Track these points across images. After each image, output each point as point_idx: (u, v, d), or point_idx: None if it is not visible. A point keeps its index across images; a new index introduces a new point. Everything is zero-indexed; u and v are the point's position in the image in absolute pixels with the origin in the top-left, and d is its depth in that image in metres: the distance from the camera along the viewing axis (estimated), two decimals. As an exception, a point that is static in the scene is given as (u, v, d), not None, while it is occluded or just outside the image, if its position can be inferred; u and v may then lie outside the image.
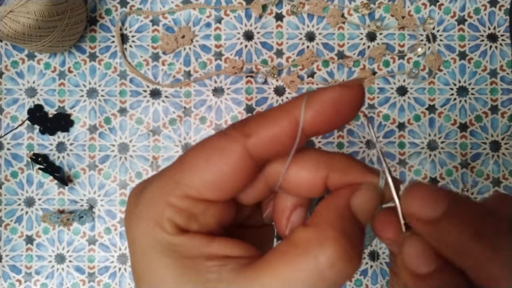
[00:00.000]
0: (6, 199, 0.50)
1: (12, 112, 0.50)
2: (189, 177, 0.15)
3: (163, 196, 0.15)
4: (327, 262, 0.13)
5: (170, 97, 0.50)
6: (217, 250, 0.15)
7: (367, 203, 0.15)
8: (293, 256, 0.14)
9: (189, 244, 0.15)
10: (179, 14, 0.50)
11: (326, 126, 0.15)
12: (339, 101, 0.14)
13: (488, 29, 0.50)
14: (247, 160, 0.15)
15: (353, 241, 0.14)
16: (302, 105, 0.14)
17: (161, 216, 0.15)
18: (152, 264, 0.15)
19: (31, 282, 0.49)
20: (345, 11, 0.51)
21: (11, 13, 0.40)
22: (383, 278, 0.50)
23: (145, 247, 0.15)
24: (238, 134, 0.15)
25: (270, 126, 0.15)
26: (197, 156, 0.15)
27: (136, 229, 0.15)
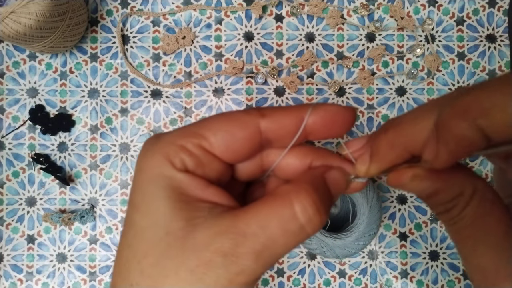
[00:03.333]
0: (7, 198, 0.50)
1: (14, 112, 0.50)
2: (209, 133, 0.18)
3: (182, 140, 0.17)
4: (300, 207, 0.16)
5: (171, 97, 0.51)
6: (210, 195, 0.17)
7: (338, 179, 0.19)
8: (273, 202, 0.17)
9: (190, 182, 0.17)
10: (179, 15, 0.51)
11: (321, 132, 0.18)
12: (337, 115, 0.18)
13: (487, 29, 0.51)
14: (257, 134, 0.18)
15: (322, 198, 0.17)
16: (309, 109, 0.18)
17: (174, 154, 0.17)
18: (152, 194, 0.17)
19: (32, 282, 0.50)
20: (344, 12, 0.51)
21: (13, 14, 0.41)
22: (382, 277, 0.50)
23: (151, 177, 0.17)
24: (257, 112, 0.18)
25: (282, 115, 0.18)
26: (218, 119, 0.18)
27: (147, 160, 0.18)
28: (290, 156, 0.19)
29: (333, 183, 0.18)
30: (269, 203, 0.17)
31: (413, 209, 0.50)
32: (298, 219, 0.16)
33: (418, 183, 0.18)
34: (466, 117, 0.14)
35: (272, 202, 0.17)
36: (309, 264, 0.50)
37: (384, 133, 0.18)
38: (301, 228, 0.16)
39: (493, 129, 0.14)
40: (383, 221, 0.50)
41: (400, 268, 0.50)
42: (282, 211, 0.16)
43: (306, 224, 0.16)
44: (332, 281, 0.50)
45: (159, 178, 0.17)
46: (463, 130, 0.14)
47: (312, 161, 0.19)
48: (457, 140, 0.15)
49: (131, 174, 0.50)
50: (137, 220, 0.17)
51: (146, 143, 0.18)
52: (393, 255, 0.50)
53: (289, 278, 0.50)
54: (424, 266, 0.50)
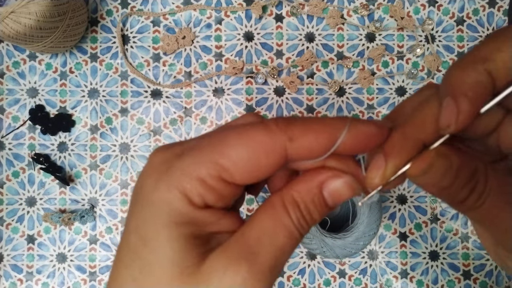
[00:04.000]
0: (7, 198, 0.50)
1: (14, 112, 0.50)
2: (227, 162, 0.16)
3: (199, 171, 0.16)
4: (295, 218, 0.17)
5: (171, 97, 0.51)
6: (225, 226, 0.17)
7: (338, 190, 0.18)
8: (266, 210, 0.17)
9: (207, 219, 0.16)
10: (179, 15, 0.51)
11: (354, 150, 0.17)
12: (372, 136, 0.17)
13: (487, 29, 0.51)
14: (284, 159, 0.16)
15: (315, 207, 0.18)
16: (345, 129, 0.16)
17: (192, 189, 0.16)
18: (165, 231, 0.16)
19: (32, 282, 0.50)
20: (344, 12, 0.51)
21: (13, 14, 0.41)
22: (382, 277, 0.50)
23: (165, 213, 0.16)
24: (283, 134, 0.16)
25: (313, 137, 0.16)
26: (239, 143, 0.16)
27: (160, 193, 0.16)
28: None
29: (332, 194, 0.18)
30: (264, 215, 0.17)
31: (413, 209, 0.50)
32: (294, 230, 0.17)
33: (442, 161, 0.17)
34: (476, 65, 0.16)
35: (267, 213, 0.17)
36: (309, 264, 0.50)
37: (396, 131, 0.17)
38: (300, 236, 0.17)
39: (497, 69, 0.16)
40: (383, 221, 0.50)
41: (400, 268, 0.50)
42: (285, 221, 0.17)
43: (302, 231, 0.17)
44: (332, 281, 0.50)
45: (174, 215, 0.16)
46: (477, 76, 0.16)
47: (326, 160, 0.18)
48: (474, 87, 0.16)
49: (131, 174, 0.50)
50: (144, 255, 0.16)
51: (156, 166, 0.17)
52: (393, 255, 0.50)
53: (289, 278, 0.50)
54: (424, 266, 0.50)
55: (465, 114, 0.16)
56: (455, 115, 0.16)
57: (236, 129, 0.17)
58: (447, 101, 0.16)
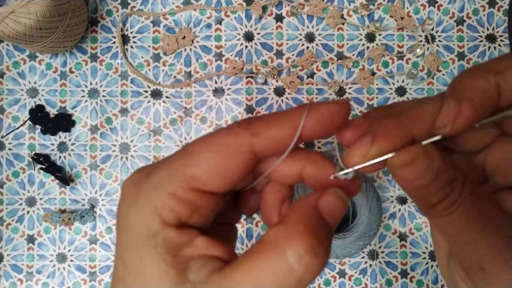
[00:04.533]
0: (7, 198, 0.50)
1: (14, 112, 0.50)
2: (196, 169, 0.16)
3: (168, 186, 0.16)
4: (294, 256, 0.14)
5: (171, 97, 0.51)
6: (200, 249, 0.16)
7: (333, 205, 0.17)
8: (263, 253, 0.15)
9: (179, 239, 0.15)
10: (179, 15, 0.51)
11: (319, 133, 0.17)
12: (334, 114, 0.17)
13: (487, 29, 0.51)
14: (251, 156, 0.16)
15: (320, 237, 0.15)
16: (304, 114, 0.16)
17: (163, 206, 0.15)
18: (142, 255, 0.15)
19: (32, 282, 0.50)
20: (344, 12, 0.51)
21: (13, 14, 0.41)
22: (382, 277, 0.50)
23: (139, 236, 0.15)
24: (246, 132, 0.16)
25: (276, 128, 0.16)
26: (205, 150, 0.16)
27: (132, 216, 0.16)
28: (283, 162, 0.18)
29: (330, 211, 0.16)
30: (261, 256, 0.15)
31: (413, 209, 0.50)
32: (295, 271, 0.14)
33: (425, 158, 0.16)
34: (488, 75, 0.16)
35: (264, 254, 0.15)
36: (309, 264, 0.50)
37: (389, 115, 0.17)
38: (300, 279, 0.14)
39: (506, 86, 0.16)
40: (383, 221, 0.50)
41: (400, 268, 0.50)
42: (276, 265, 0.14)
43: (305, 274, 0.14)
44: (332, 281, 0.50)
45: (148, 237, 0.15)
46: (486, 85, 0.16)
47: (304, 166, 0.18)
48: (480, 95, 0.16)
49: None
50: (128, 280, 0.16)
51: (126, 191, 0.17)
52: (393, 255, 0.50)
53: None
54: (424, 266, 0.50)
55: (464, 118, 0.16)
56: (454, 116, 0.16)
57: (201, 138, 0.17)
58: (450, 102, 0.16)
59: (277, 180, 0.19)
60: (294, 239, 0.14)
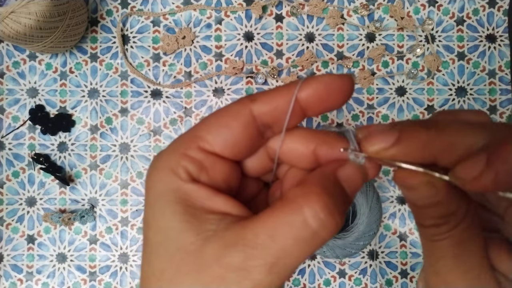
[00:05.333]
0: (7, 198, 0.50)
1: (14, 112, 0.50)
2: (205, 132, 0.17)
3: (181, 148, 0.17)
4: (310, 212, 0.15)
5: (171, 97, 0.51)
6: (218, 205, 0.17)
7: (352, 175, 0.17)
8: (281, 208, 0.16)
9: (197, 193, 0.17)
10: (179, 15, 0.51)
11: (318, 106, 0.17)
12: (330, 86, 0.17)
13: (487, 29, 0.51)
14: (251, 121, 0.17)
15: (335, 200, 0.16)
16: (299, 83, 0.17)
17: (177, 164, 0.17)
18: (161, 210, 0.17)
19: (32, 281, 0.50)
20: (344, 12, 0.51)
21: (13, 14, 0.41)
22: (382, 277, 0.50)
23: (158, 193, 0.17)
24: (246, 99, 0.18)
25: (273, 96, 0.17)
26: (214, 116, 0.18)
27: (153, 176, 0.17)
28: (292, 141, 0.18)
29: (348, 181, 0.17)
30: (278, 210, 0.16)
31: (413, 209, 0.50)
32: (309, 226, 0.15)
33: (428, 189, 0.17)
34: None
35: (281, 209, 0.16)
36: (309, 264, 0.50)
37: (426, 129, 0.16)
38: (314, 235, 0.15)
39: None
40: (383, 221, 0.50)
41: (400, 268, 0.50)
42: (292, 218, 0.15)
43: (319, 229, 0.15)
44: (332, 281, 0.50)
45: (166, 192, 0.17)
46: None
47: (316, 146, 0.18)
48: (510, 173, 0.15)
49: (131, 174, 0.50)
50: (150, 237, 0.17)
51: (152, 161, 0.18)
52: (393, 255, 0.50)
53: (289, 278, 0.50)
54: (424, 266, 0.50)
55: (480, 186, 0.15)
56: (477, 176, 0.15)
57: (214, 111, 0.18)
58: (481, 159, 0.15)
59: (292, 163, 0.19)
60: (310, 197, 0.15)
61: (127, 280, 0.50)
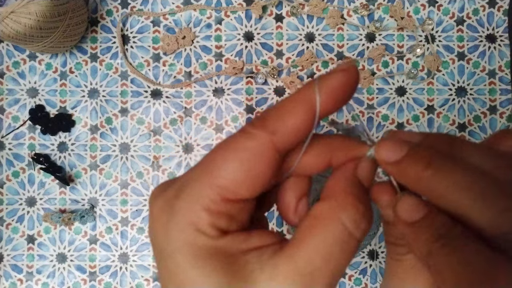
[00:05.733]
0: (7, 198, 0.50)
1: (14, 112, 0.50)
2: (224, 181, 0.15)
3: (201, 202, 0.16)
4: (352, 224, 0.16)
5: (171, 97, 0.51)
6: (254, 243, 0.16)
7: (369, 172, 0.18)
8: (321, 226, 0.16)
9: (231, 243, 0.16)
10: (179, 15, 0.51)
11: (334, 108, 0.17)
12: (344, 84, 0.16)
13: (487, 29, 0.51)
14: (276, 155, 0.16)
15: (366, 202, 0.17)
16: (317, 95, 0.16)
17: (202, 222, 0.15)
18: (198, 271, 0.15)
19: (32, 282, 0.50)
20: (344, 12, 0.51)
21: (13, 14, 0.41)
22: (382, 277, 0.50)
23: (189, 256, 0.15)
24: (264, 133, 0.16)
25: (291, 119, 0.16)
26: (228, 159, 0.16)
27: (176, 240, 0.15)
28: (307, 155, 0.18)
29: (365, 177, 0.18)
30: (318, 230, 0.16)
31: (413, 209, 0.50)
32: (354, 236, 0.16)
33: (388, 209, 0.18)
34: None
35: (322, 227, 0.16)
36: (309, 264, 0.50)
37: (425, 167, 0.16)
38: (357, 242, 0.16)
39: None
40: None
41: (400, 268, 0.50)
42: (338, 234, 0.15)
43: (361, 236, 0.16)
44: (332, 281, 0.50)
45: (198, 253, 0.15)
46: None
47: (332, 157, 0.18)
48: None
49: (131, 174, 0.50)
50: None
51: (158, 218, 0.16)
52: (393, 255, 0.50)
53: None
54: (424, 266, 0.50)
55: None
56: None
57: (220, 146, 0.16)
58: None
59: (304, 172, 0.18)
60: (348, 208, 0.16)
61: (127, 280, 0.50)
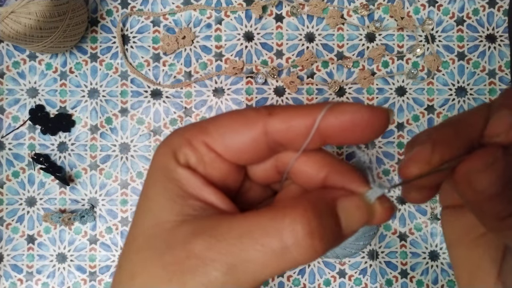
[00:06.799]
0: (7, 198, 0.50)
1: (14, 112, 0.50)
2: (214, 129, 0.17)
3: (188, 134, 0.17)
4: (290, 225, 0.14)
5: (171, 97, 0.51)
6: (206, 195, 0.17)
7: (353, 209, 0.16)
8: (264, 213, 0.15)
9: (189, 179, 0.17)
10: (179, 15, 0.51)
11: (341, 137, 0.16)
12: (359, 118, 0.15)
13: (487, 29, 0.51)
14: (262, 134, 0.16)
15: (323, 224, 0.14)
16: (323, 109, 0.16)
17: (179, 149, 0.17)
18: (154, 183, 0.17)
19: (32, 282, 0.50)
20: (344, 12, 0.51)
21: (13, 14, 0.41)
22: (382, 277, 0.50)
23: (157, 167, 0.17)
24: (264, 110, 0.17)
25: (292, 115, 0.16)
26: (229, 116, 0.17)
27: (158, 151, 0.18)
28: (305, 164, 0.17)
29: (348, 214, 0.15)
30: (260, 214, 0.15)
31: (413, 209, 0.51)
32: (283, 239, 0.14)
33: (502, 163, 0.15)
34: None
35: (263, 214, 0.15)
36: (309, 264, 0.50)
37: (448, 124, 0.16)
38: (284, 250, 0.14)
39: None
40: (383, 221, 0.50)
41: (400, 268, 0.50)
42: (268, 225, 0.14)
43: (292, 246, 0.14)
44: (332, 281, 0.50)
45: (163, 169, 0.17)
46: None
47: (328, 175, 0.17)
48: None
49: (131, 174, 0.50)
50: (140, 204, 0.18)
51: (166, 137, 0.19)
52: (393, 255, 0.50)
53: (289, 278, 0.50)
54: (424, 266, 0.50)
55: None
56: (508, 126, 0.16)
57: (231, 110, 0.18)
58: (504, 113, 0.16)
59: (298, 182, 0.18)
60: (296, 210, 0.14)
61: (127, 280, 0.50)
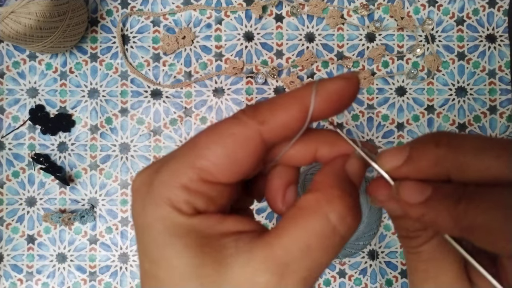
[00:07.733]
0: (7, 198, 0.50)
1: (14, 112, 0.50)
2: (204, 161, 0.15)
3: (179, 179, 0.15)
4: (337, 218, 0.15)
5: (171, 97, 0.51)
6: (230, 227, 0.16)
7: (358, 168, 0.17)
8: (305, 217, 0.15)
9: (206, 223, 0.15)
10: (179, 15, 0.51)
11: (329, 112, 0.16)
12: (342, 91, 0.16)
13: (487, 29, 0.51)
14: (261, 145, 0.16)
15: (354, 198, 0.16)
16: (312, 95, 0.16)
17: (178, 199, 0.15)
18: (170, 248, 0.15)
19: (32, 281, 0.50)
20: (344, 12, 0.51)
21: (13, 14, 0.41)
22: (382, 277, 0.50)
23: (162, 232, 0.15)
24: (252, 121, 0.16)
25: (283, 113, 0.16)
26: (212, 141, 0.16)
27: (150, 214, 0.16)
28: (294, 149, 0.18)
29: (355, 174, 0.17)
30: (302, 221, 0.15)
31: (413, 209, 0.50)
32: (338, 231, 0.15)
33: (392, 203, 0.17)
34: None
35: (305, 219, 0.15)
36: (309, 264, 0.50)
37: (436, 146, 0.16)
38: (342, 239, 0.15)
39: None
40: (383, 221, 0.50)
41: (400, 268, 0.50)
42: (320, 227, 0.15)
43: (345, 233, 0.15)
44: (332, 281, 0.50)
45: (171, 229, 0.15)
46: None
47: (318, 148, 0.18)
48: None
49: (131, 174, 0.50)
50: (162, 276, 0.15)
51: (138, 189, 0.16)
52: (393, 255, 0.50)
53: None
54: (424, 266, 0.50)
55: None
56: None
57: (207, 129, 0.16)
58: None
59: (288, 163, 0.18)
60: (334, 202, 0.15)
61: (127, 280, 0.50)
